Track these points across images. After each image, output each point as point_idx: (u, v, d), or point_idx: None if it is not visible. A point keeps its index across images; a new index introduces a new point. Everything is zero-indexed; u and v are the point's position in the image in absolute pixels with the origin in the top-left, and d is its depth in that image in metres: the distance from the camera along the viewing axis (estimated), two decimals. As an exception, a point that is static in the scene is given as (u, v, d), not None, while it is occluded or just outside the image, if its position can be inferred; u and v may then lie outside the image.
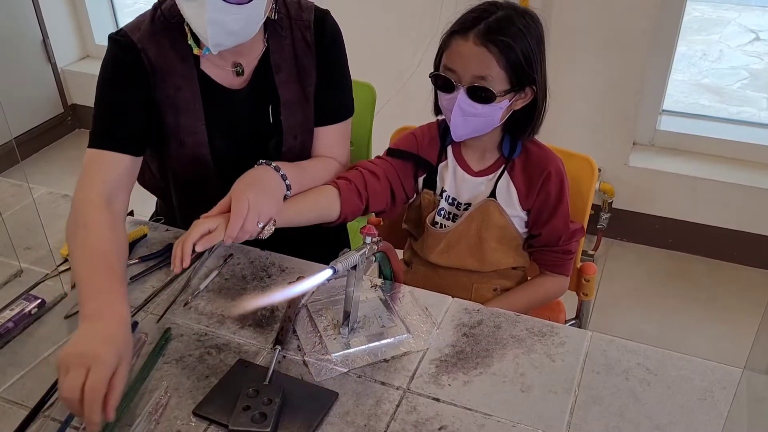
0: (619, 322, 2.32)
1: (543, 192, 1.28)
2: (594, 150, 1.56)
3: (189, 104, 1.25)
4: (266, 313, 1.14)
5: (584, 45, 2.42)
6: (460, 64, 1.17)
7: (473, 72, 1.16)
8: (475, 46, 1.15)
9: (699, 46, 4.78)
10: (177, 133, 1.26)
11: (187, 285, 1.20)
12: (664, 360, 1.04)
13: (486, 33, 1.14)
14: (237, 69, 1.27)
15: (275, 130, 1.32)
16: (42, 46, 3.26)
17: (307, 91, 1.32)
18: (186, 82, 1.24)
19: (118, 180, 1.19)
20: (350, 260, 1.00)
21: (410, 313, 1.14)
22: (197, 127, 1.26)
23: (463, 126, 1.22)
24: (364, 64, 1.56)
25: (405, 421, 0.94)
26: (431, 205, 1.35)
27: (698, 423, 0.94)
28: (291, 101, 1.31)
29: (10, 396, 0.98)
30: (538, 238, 1.33)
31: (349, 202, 1.24)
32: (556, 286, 1.39)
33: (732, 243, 2.54)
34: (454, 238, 1.32)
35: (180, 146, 1.28)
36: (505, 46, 1.14)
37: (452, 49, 1.18)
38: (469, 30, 1.15)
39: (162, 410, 0.95)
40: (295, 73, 1.30)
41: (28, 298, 1.14)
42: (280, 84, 1.29)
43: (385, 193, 1.30)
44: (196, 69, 1.25)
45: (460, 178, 1.32)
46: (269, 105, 1.30)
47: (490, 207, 1.29)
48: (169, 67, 1.23)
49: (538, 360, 1.04)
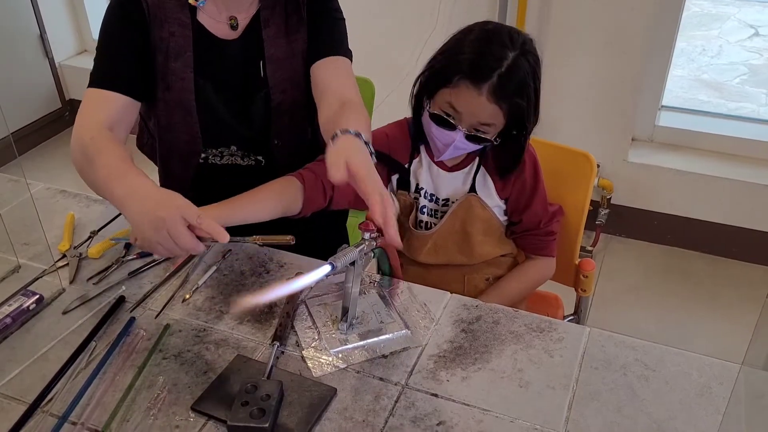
0: (618, 318, 2.32)
1: (519, 180, 1.30)
2: (593, 146, 1.57)
3: (180, 50, 1.27)
4: (265, 309, 1.14)
5: (583, 40, 2.41)
6: (468, 112, 1.18)
7: (479, 120, 1.18)
8: (489, 102, 1.15)
9: (698, 42, 4.78)
10: (165, 76, 1.28)
11: (185, 281, 1.19)
12: (662, 356, 1.04)
13: (499, 89, 1.14)
14: (232, 22, 1.30)
15: (264, 85, 1.33)
16: (39, 41, 3.25)
17: (294, 47, 1.33)
18: (180, 29, 1.26)
19: (117, 117, 1.21)
20: (349, 256, 1.00)
21: (409, 309, 1.14)
22: (185, 73, 1.28)
23: (451, 154, 1.25)
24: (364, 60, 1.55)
25: (403, 417, 0.94)
26: (408, 207, 1.35)
27: (696, 418, 0.94)
28: (276, 56, 1.32)
29: (8, 391, 0.98)
30: (519, 224, 1.35)
31: (312, 200, 1.24)
32: (543, 269, 1.41)
33: (731, 239, 2.54)
34: (440, 236, 1.33)
35: (166, 90, 1.29)
36: (516, 104, 1.17)
37: (461, 95, 1.17)
38: (481, 82, 1.14)
39: (160, 405, 0.95)
40: (283, 28, 1.32)
41: (26, 293, 1.14)
42: (267, 39, 1.31)
43: (350, 193, 1.28)
44: (192, 19, 1.27)
45: (435, 174, 1.33)
46: (260, 60, 1.33)
47: (471, 201, 1.30)
48: (166, 13, 1.26)
49: (537, 356, 1.04)
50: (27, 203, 1.39)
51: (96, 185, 1.12)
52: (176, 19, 1.26)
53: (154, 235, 0.99)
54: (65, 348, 1.05)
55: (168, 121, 1.32)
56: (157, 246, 1.00)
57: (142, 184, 1.05)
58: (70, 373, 1.00)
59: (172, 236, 0.98)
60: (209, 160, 1.36)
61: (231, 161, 1.38)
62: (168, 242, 0.99)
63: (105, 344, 1.05)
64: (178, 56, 1.27)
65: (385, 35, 2.67)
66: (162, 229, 0.98)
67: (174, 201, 1.01)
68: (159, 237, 0.98)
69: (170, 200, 1.02)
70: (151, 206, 1.00)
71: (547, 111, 1.25)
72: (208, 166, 1.37)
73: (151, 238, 0.99)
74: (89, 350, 1.04)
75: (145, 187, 1.05)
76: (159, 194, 1.04)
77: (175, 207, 1.00)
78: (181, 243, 0.99)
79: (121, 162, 1.10)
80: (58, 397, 0.96)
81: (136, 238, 1.03)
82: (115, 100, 1.22)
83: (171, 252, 1.01)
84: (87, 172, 1.13)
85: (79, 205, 1.42)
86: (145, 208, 1.01)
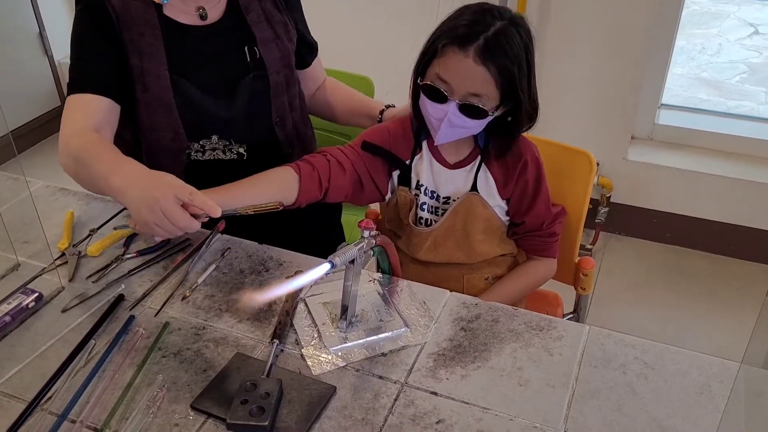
0: (617, 317, 2.32)
1: (521, 181, 1.28)
2: (592, 144, 1.57)
3: (152, 49, 1.28)
4: (264, 307, 1.13)
5: (583, 39, 2.41)
6: (457, 78, 1.15)
7: (469, 89, 1.15)
8: (476, 64, 1.12)
9: (698, 40, 4.78)
10: (142, 77, 1.29)
11: (184, 279, 1.19)
12: (661, 354, 1.04)
13: (486, 50, 1.12)
14: (200, 12, 1.33)
15: (254, 68, 1.37)
16: (39, 39, 3.25)
17: (277, 30, 1.39)
18: (148, 28, 1.28)
19: (102, 119, 1.25)
20: (348, 254, 1.00)
21: (408, 307, 1.14)
22: (160, 71, 1.29)
23: (449, 135, 1.22)
24: (362, 57, 1.56)
25: (403, 415, 0.94)
26: (408, 203, 1.34)
27: (695, 417, 0.94)
28: (266, 39, 1.37)
29: (7, 389, 0.98)
30: (521, 225, 1.34)
31: (307, 192, 1.24)
32: (544, 270, 1.40)
33: (730, 237, 2.55)
34: (440, 234, 1.32)
35: (144, 91, 1.30)
36: (503, 67, 1.13)
37: (448, 61, 1.15)
38: (467, 44, 1.12)
39: (160, 404, 0.95)
40: (262, 14, 1.38)
41: (25, 291, 1.14)
42: (252, 23, 1.36)
43: (347, 187, 1.30)
44: (158, 15, 1.29)
45: (437, 171, 1.31)
46: (244, 45, 1.36)
47: (473, 200, 1.29)
48: (132, 15, 1.27)
49: (536, 354, 1.04)
50: (26, 201, 1.39)
51: (92, 184, 1.17)
52: (143, 19, 1.27)
53: (150, 215, 1.03)
54: (64, 346, 1.05)
55: (151, 122, 1.33)
56: (154, 227, 1.04)
57: (137, 170, 1.11)
58: (69, 371, 1.00)
59: (167, 215, 1.03)
60: (192, 156, 1.37)
61: (213, 156, 1.38)
62: (163, 221, 1.03)
63: (104, 342, 1.05)
64: (152, 56, 1.28)
65: (384, 33, 2.66)
66: (156, 208, 1.03)
67: (166, 180, 1.07)
68: (155, 217, 1.03)
69: (162, 180, 1.07)
70: (145, 187, 1.06)
71: (546, 109, 1.25)
72: (191, 163, 1.37)
73: (147, 219, 1.04)
74: (88, 348, 1.04)
75: (140, 172, 1.10)
76: (152, 176, 1.09)
77: (168, 185, 1.05)
78: (175, 221, 1.03)
79: (114, 156, 1.15)
80: (58, 395, 0.96)
81: (136, 223, 1.07)
82: (98, 103, 1.25)
83: (168, 231, 1.05)
84: (81, 174, 1.18)
85: (78, 203, 1.42)
86: (141, 191, 1.06)
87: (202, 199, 1.05)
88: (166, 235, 1.07)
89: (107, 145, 1.19)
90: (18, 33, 3.16)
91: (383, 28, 2.67)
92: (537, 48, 1.19)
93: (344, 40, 1.38)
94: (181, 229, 1.05)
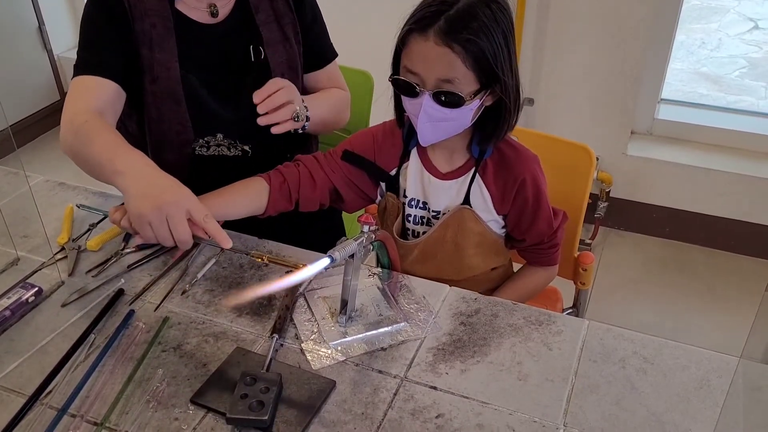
0: (616, 311, 2.32)
1: (519, 199, 1.21)
2: (592, 139, 1.57)
3: (163, 40, 1.28)
4: (264, 302, 1.14)
5: (583, 33, 2.41)
6: (423, 66, 1.07)
7: (438, 75, 1.06)
8: (437, 46, 1.04)
9: (698, 35, 4.77)
10: (151, 68, 1.29)
11: (184, 273, 1.19)
12: (660, 348, 1.04)
13: (447, 30, 1.03)
14: (212, 9, 1.32)
15: (259, 69, 1.35)
16: (38, 33, 3.24)
17: (286, 31, 1.37)
18: (160, 20, 1.28)
19: (106, 102, 1.23)
20: (348, 249, 1.00)
21: (408, 301, 1.14)
22: (171, 62, 1.29)
23: (432, 132, 1.14)
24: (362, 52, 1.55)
25: (402, 410, 0.94)
26: (396, 210, 1.28)
27: (694, 411, 0.94)
28: (273, 40, 1.36)
29: (7, 384, 0.98)
30: (522, 242, 1.29)
31: (275, 204, 1.23)
32: (544, 277, 1.37)
33: (730, 232, 2.55)
34: (428, 247, 1.26)
35: (153, 82, 1.29)
36: (469, 44, 1.04)
37: (412, 50, 1.08)
38: (428, 27, 1.05)
39: (159, 398, 0.95)
40: (272, 14, 1.36)
41: (25, 286, 1.14)
42: (261, 24, 1.35)
43: (316, 200, 1.27)
44: (171, 8, 1.28)
45: (427, 182, 1.24)
46: (250, 44, 1.35)
47: (464, 214, 1.22)
48: (145, 5, 1.27)
49: (535, 348, 1.04)
50: (26, 196, 1.39)
51: (92, 164, 1.12)
52: (156, 11, 1.27)
53: (152, 215, 1.00)
54: (64, 340, 1.05)
55: (158, 113, 1.32)
56: (146, 226, 1.01)
57: (147, 164, 1.08)
58: (69, 365, 1.00)
59: (171, 224, 1.00)
60: (196, 151, 1.36)
61: (218, 152, 1.38)
62: (162, 226, 1.00)
63: (104, 337, 1.05)
64: (162, 47, 1.28)
65: (383, 28, 2.66)
66: (163, 210, 0.99)
67: (184, 191, 1.04)
68: (155, 217, 1.00)
69: (180, 190, 1.04)
70: (158, 188, 1.02)
71: (546, 104, 1.25)
72: (195, 158, 1.37)
73: (147, 216, 1.00)
74: (88, 343, 1.04)
75: (152, 169, 1.07)
76: (168, 180, 1.05)
77: (186, 197, 1.02)
78: (176, 231, 1.00)
79: (120, 139, 1.13)
80: (58, 389, 0.96)
81: (129, 213, 1.03)
82: (104, 86, 1.24)
83: (160, 236, 1.01)
84: (81, 152, 1.14)
85: (78, 197, 1.42)
86: (151, 188, 1.02)
87: (215, 227, 1.02)
88: (152, 238, 1.02)
89: (110, 128, 1.17)
90: (17, 27, 3.16)
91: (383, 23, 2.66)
92: (536, 43, 1.17)
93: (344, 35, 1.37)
94: (174, 241, 1.01)
